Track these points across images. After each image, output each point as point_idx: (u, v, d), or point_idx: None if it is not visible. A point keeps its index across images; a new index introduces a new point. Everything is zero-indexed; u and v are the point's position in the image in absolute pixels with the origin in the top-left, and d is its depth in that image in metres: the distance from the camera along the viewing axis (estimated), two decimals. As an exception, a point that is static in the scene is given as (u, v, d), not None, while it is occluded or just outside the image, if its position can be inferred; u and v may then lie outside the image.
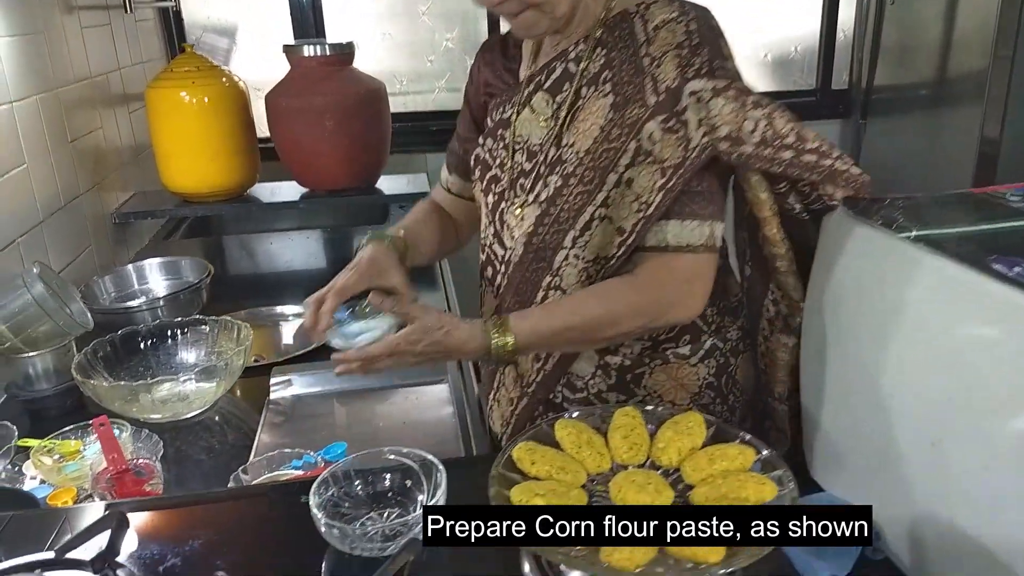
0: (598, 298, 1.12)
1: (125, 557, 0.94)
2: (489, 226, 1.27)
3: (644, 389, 1.21)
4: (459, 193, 1.42)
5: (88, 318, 1.61)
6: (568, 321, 1.12)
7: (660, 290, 1.12)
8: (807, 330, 1.13)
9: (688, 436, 0.91)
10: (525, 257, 1.19)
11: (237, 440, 1.43)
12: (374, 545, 0.89)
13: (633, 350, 1.20)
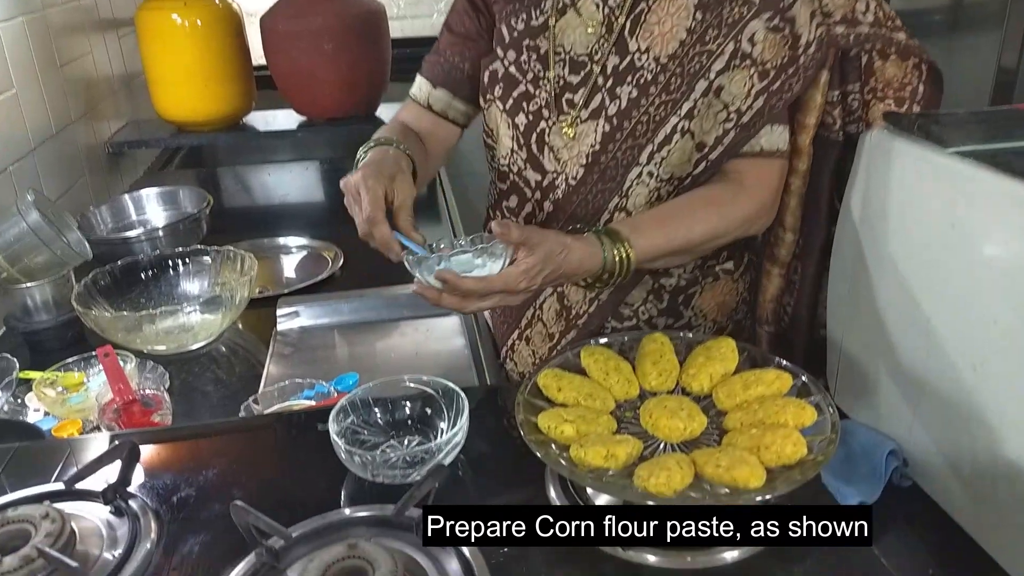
0: (712, 208, 1.05)
1: (136, 487, 0.91)
2: (520, 150, 1.16)
3: (692, 310, 1.18)
4: (442, 112, 1.23)
5: (86, 248, 1.56)
6: (685, 236, 1.03)
7: (764, 197, 1.08)
8: (837, 252, 1.09)
9: (721, 362, 0.88)
10: (588, 178, 1.11)
11: (245, 372, 1.40)
12: (396, 472, 0.86)
13: (686, 269, 1.16)
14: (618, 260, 0.97)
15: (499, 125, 1.18)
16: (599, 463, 0.74)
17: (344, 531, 0.82)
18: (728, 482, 0.72)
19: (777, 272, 1.17)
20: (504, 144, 1.18)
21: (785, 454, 0.74)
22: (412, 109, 1.25)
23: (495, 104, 1.17)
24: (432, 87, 1.22)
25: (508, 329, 1.31)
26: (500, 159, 1.21)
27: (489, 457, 0.95)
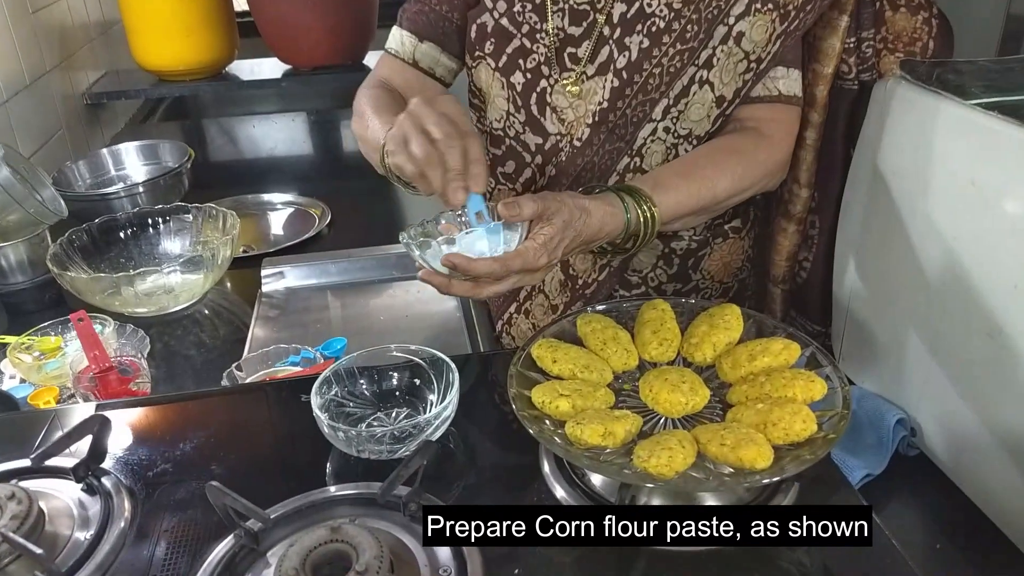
0: (735, 158, 0.97)
1: (111, 463, 0.87)
2: (518, 112, 1.07)
3: (700, 273, 1.13)
4: (429, 69, 1.11)
5: (61, 205, 1.50)
6: (711, 191, 0.94)
7: (784, 146, 1.02)
8: (846, 210, 1.04)
9: (725, 330, 0.83)
10: (594, 139, 1.02)
11: (229, 335, 1.36)
12: (383, 448, 0.82)
13: (697, 231, 1.10)
14: (642, 220, 0.88)
15: (491, 85, 1.08)
16: (596, 441, 0.70)
17: (328, 511, 0.78)
18: (733, 462, 0.67)
19: (793, 229, 1.11)
20: (498, 106, 1.09)
21: (794, 431, 0.69)
22: (392, 66, 1.11)
23: (485, 62, 1.07)
24: (418, 41, 1.10)
25: (505, 302, 1.24)
26: (493, 122, 1.11)
27: (482, 431, 0.90)
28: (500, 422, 0.91)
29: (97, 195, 1.69)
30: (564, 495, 0.79)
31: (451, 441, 0.88)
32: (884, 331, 1.01)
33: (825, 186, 1.08)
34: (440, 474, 0.82)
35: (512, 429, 0.88)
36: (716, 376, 0.82)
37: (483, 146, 0.87)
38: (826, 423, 0.71)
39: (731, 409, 0.76)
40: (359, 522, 0.73)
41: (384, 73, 1.12)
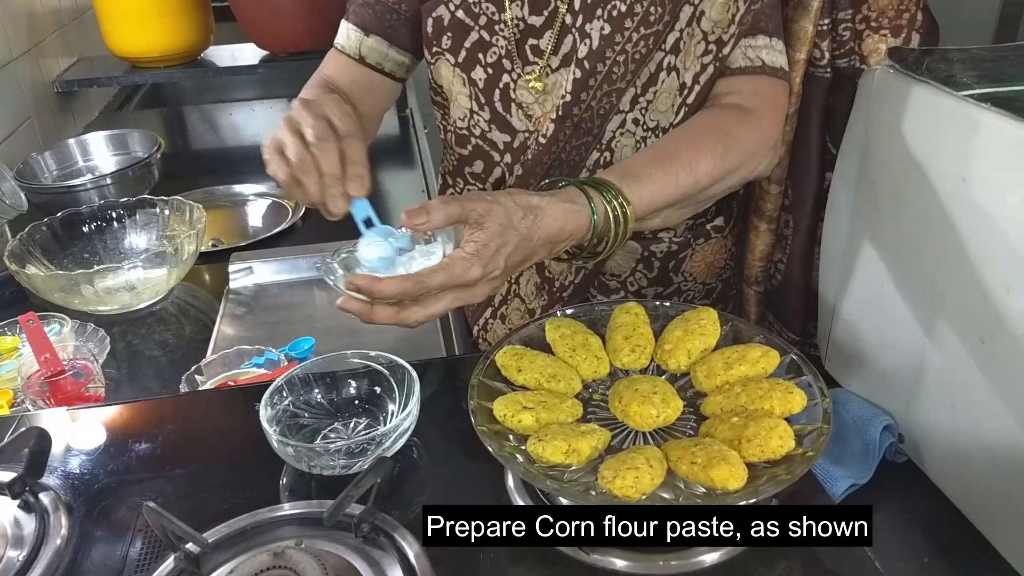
0: (716, 136, 0.87)
1: (52, 476, 0.82)
2: (481, 110, 1.01)
3: (682, 275, 1.07)
4: (377, 64, 1.04)
5: (21, 199, 1.44)
6: (691, 176, 0.84)
7: (771, 121, 0.91)
8: (832, 207, 0.99)
9: (700, 336, 0.78)
10: (560, 134, 0.96)
11: (195, 334, 1.30)
12: (336, 463, 0.77)
13: (677, 232, 1.05)
14: (612, 217, 0.78)
15: (451, 82, 1.02)
16: (559, 459, 0.65)
17: (274, 532, 0.73)
18: (704, 482, 0.63)
19: (765, 227, 1.05)
20: (460, 104, 1.03)
21: (770, 448, 0.64)
22: (339, 62, 1.05)
23: (444, 58, 1.00)
24: (364, 35, 1.03)
25: (480, 307, 1.18)
26: (456, 121, 1.05)
27: (447, 442, 0.85)
28: (467, 433, 0.86)
29: (62, 187, 1.63)
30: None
31: (414, 452, 0.83)
32: (872, 332, 0.96)
33: (799, 183, 1.02)
34: (397, 489, 0.77)
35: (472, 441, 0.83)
36: (691, 385, 0.77)
37: (364, 147, 0.79)
38: (806, 438, 0.67)
39: (704, 422, 0.71)
40: (306, 545, 0.68)
41: (329, 72, 1.05)
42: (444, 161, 1.13)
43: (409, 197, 1.83)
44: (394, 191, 1.89)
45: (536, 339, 0.83)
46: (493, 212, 0.72)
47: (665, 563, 0.68)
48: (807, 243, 1.05)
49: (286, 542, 0.71)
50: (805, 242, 1.05)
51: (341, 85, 1.02)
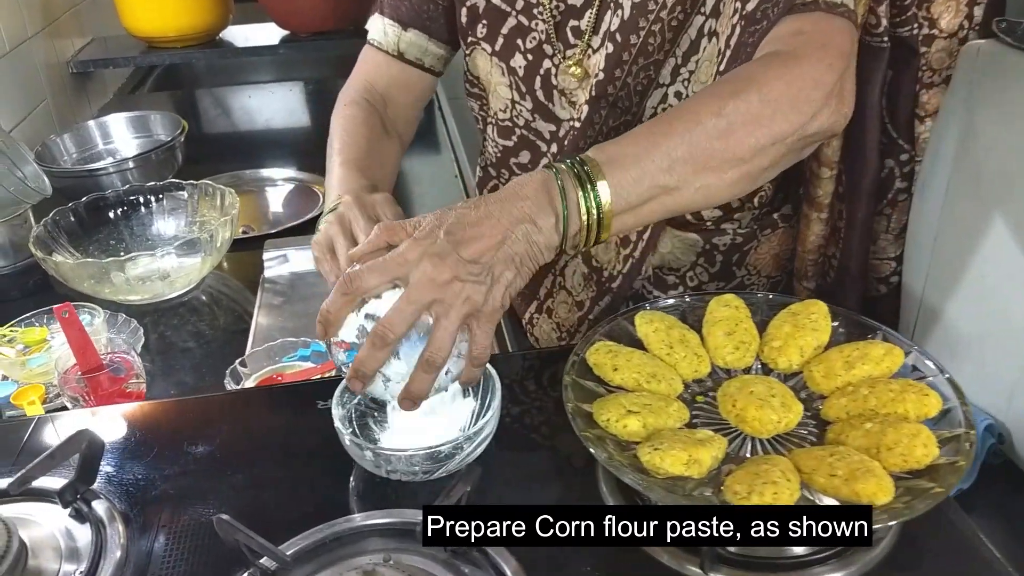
0: (725, 81, 0.73)
1: (101, 482, 0.76)
2: (523, 99, 0.94)
3: (745, 269, 0.99)
4: (417, 60, 0.99)
5: (45, 183, 1.37)
6: (695, 123, 0.68)
7: (818, 58, 0.71)
8: (925, 190, 0.93)
9: (812, 332, 0.71)
10: (595, 116, 0.88)
11: (230, 324, 1.24)
12: (417, 469, 0.71)
13: (743, 222, 0.97)
14: (574, 170, 0.67)
15: (489, 72, 0.95)
16: (679, 471, 0.59)
17: (355, 546, 0.67)
18: (847, 497, 0.56)
19: (816, 216, 0.97)
20: (500, 95, 0.96)
21: (914, 458, 0.58)
22: (376, 63, 1.00)
23: (480, 47, 0.94)
24: (402, 29, 0.97)
25: (524, 302, 1.11)
26: (498, 112, 0.98)
27: (522, 444, 0.79)
28: (542, 433, 0.80)
29: (84, 171, 1.56)
30: (624, 520, 0.68)
31: (491, 458, 0.77)
32: (969, 324, 0.91)
33: (854, 171, 0.94)
34: (484, 499, 0.71)
35: (557, 442, 0.78)
36: (804, 386, 0.71)
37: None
38: (946, 447, 0.61)
39: (830, 428, 0.65)
40: (395, 560, 0.62)
41: (367, 74, 1.00)
42: (484, 153, 1.07)
43: (440, 184, 1.76)
44: (423, 178, 1.83)
45: (624, 334, 0.76)
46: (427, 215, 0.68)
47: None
48: (863, 238, 0.97)
49: (370, 557, 0.65)
50: (861, 237, 0.97)
51: (380, 87, 0.98)
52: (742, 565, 0.63)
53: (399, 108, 1.00)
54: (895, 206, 0.97)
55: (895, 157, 0.94)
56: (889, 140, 0.93)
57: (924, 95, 0.90)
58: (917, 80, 0.89)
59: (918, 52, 0.86)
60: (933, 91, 0.90)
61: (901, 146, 0.93)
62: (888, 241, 0.99)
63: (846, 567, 0.63)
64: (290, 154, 1.90)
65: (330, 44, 2.16)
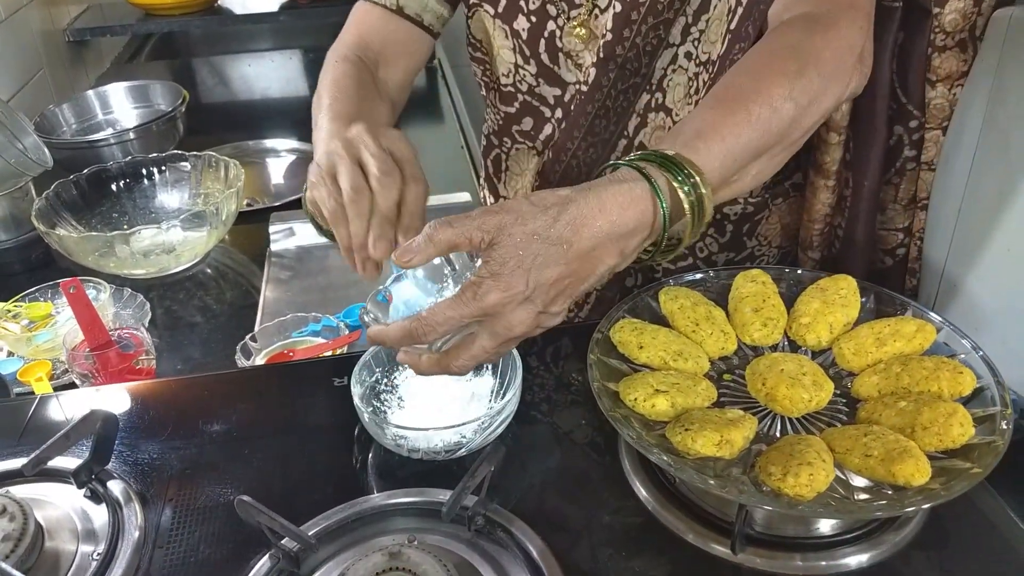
0: (783, 56, 0.68)
1: (118, 462, 0.75)
2: (527, 64, 0.91)
3: (756, 239, 0.97)
4: (416, 16, 0.92)
5: (45, 154, 1.35)
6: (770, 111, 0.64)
7: (850, 21, 0.70)
8: (948, 161, 0.91)
9: (842, 308, 0.70)
10: (602, 79, 0.86)
11: (237, 299, 1.23)
12: (439, 448, 0.70)
13: (754, 192, 0.94)
14: (683, 192, 0.60)
15: (492, 35, 0.92)
16: (711, 452, 0.58)
17: (377, 525, 0.66)
18: (883, 478, 0.55)
19: (823, 184, 0.94)
20: (504, 58, 0.93)
21: (949, 437, 0.57)
22: (371, 16, 0.92)
23: (482, 9, 0.90)
24: None
25: None
26: (500, 77, 0.95)
27: (542, 422, 0.78)
28: (562, 410, 0.79)
29: (84, 142, 1.53)
30: (647, 497, 0.67)
31: (511, 436, 0.76)
32: (991, 299, 0.89)
33: (861, 137, 0.91)
34: (506, 479, 0.70)
35: (578, 419, 0.77)
36: (832, 363, 0.70)
37: (426, 198, 0.68)
38: (980, 426, 0.59)
39: (862, 406, 0.64)
40: (419, 541, 0.61)
41: (361, 31, 0.92)
42: (488, 121, 1.04)
43: (444, 154, 1.74)
44: (425, 148, 1.80)
45: (647, 310, 0.75)
46: (503, 224, 0.57)
47: (806, 564, 0.62)
48: (870, 207, 0.94)
49: (393, 537, 0.65)
50: (868, 206, 0.94)
51: (375, 45, 0.91)
52: (769, 545, 0.63)
53: (393, 70, 0.93)
54: (903, 175, 0.94)
55: (904, 124, 0.91)
56: (898, 106, 0.90)
57: (936, 59, 0.87)
58: (929, 43, 0.86)
59: (931, 13, 0.82)
60: (946, 55, 0.87)
61: (910, 112, 0.90)
62: (896, 211, 0.96)
63: (875, 547, 0.63)
64: (292, 124, 1.87)
65: (331, 11, 2.12)
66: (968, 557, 0.63)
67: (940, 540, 0.65)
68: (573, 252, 0.58)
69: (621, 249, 0.60)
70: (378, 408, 0.75)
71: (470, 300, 0.57)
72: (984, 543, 0.64)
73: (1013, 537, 0.64)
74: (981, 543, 0.64)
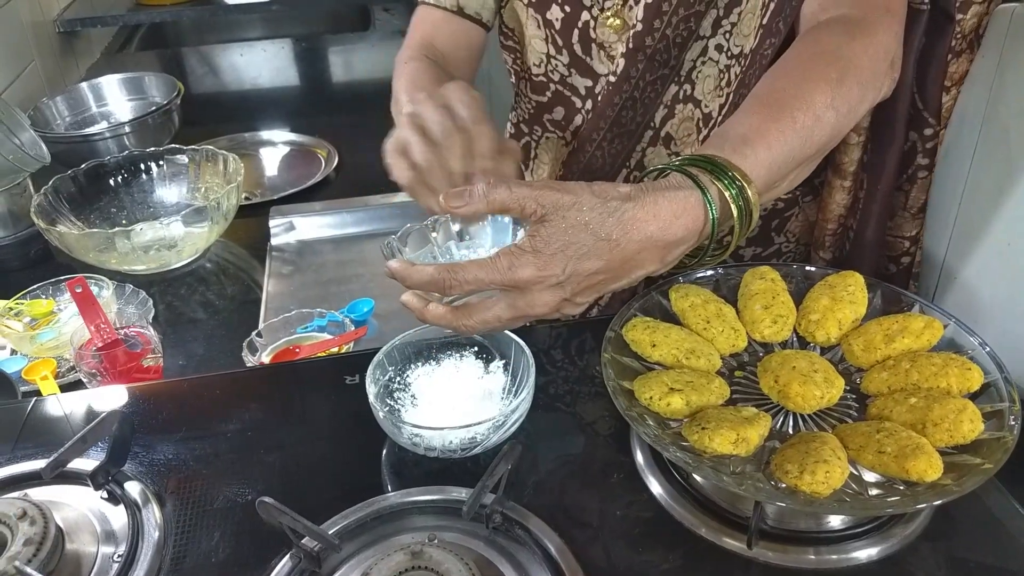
0: (824, 61, 0.68)
1: (133, 464, 0.75)
2: (559, 54, 0.92)
3: (784, 236, 0.98)
4: (476, 14, 0.95)
5: (43, 150, 1.35)
6: (813, 119, 0.65)
7: (889, 28, 0.72)
8: (948, 156, 0.92)
9: (850, 304, 0.71)
10: (631, 69, 0.86)
11: (239, 294, 1.23)
12: (456, 447, 0.71)
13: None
14: (730, 197, 0.61)
15: (525, 23, 0.93)
16: (727, 450, 0.59)
17: (397, 524, 0.67)
18: (896, 474, 0.57)
19: (839, 184, 0.95)
20: (535, 48, 0.94)
21: (960, 433, 0.59)
22: (433, 18, 0.95)
23: (521, 1, 0.91)
24: None
25: None
26: (532, 67, 0.96)
27: (552, 418, 0.79)
28: (573, 406, 0.80)
29: (79, 136, 1.52)
30: (661, 492, 0.69)
31: (525, 433, 0.77)
32: (990, 292, 0.91)
33: (879, 139, 0.92)
34: (521, 476, 0.71)
35: (589, 416, 0.78)
36: (841, 359, 0.71)
37: (495, 135, 0.70)
38: (989, 422, 0.61)
39: (872, 403, 0.65)
40: (439, 541, 0.62)
41: (425, 32, 0.94)
42: (517, 108, 1.05)
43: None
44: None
45: (658, 308, 0.76)
46: (559, 205, 0.58)
47: (818, 557, 0.63)
48: (881, 210, 0.95)
49: (413, 535, 0.65)
50: (880, 209, 0.94)
51: (438, 45, 0.94)
52: (783, 539, 0.64)
53: (458, 66, 0.95)
54: (914, 183, 0.94)
55: (919, 131, 0.91)
56: (915, 112, 0.91)
57: (953, 64, 0.88)
58: (949, 49, 0.87)
59: (954, 18, 0.83)
60: (960, 59, 0.88)
61: (926, 119, 0.90)
62: (905, 219, 0.97)
63: (884, 541, 0.64)
64: (285, 115, 1.86)
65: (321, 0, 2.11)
66: (975, 550, 0.64)
67: (948, 533, 0.66)
68: (618, 252, 0.59)
69: (663, 256, 0.61)
70: (392, 407, 0.76)
71: (504, 269, 0.58)
72: (991, 536, 0.66)
73: (1018, 530, 0.66)
74: (988, 536, 0.66)
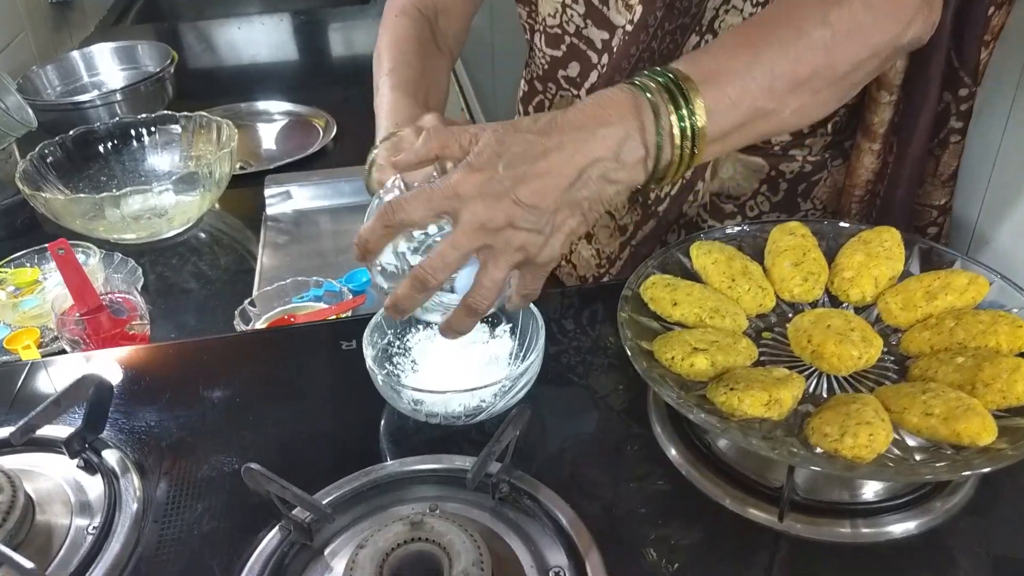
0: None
1: (112, 432, 0.70)
2: (575, 3, 0.86)
3: (811, 202, 0.92)
4: None
5: (29, 114, 1.29)
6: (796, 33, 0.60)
7: None
8: (980, 116, 0.87)
9: (887, 260, 0.66)
10: (648, 18, 0.81)
11: (232, 264, 1.18)
12: (460, 414, 0.65)
13: (813, 149, 0.89)
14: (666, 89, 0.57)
15: None
16: (759, 412, 0.54)
17: (395, 494, 0.62)
18: (946, 437, 0.51)
19: (868, 147, 0.89)
20: (551, 2, 0.89)
21: (1014, 394, 0.53)
22: None
23: None
24: None
25: None
26: (546, 18, 0.90)
27: (561, 383, 0.74)
28: (585, 373, 0.74)
29: (69, 104, 1.47)
30: (682, 461, 0.63)
31: (534, 399, 0.71)
32: None
33: (912, 97, 0.86)
34: (529, 445, 0.66)
35: (603, 382, 0.73)
36: (878, 319, 0.65)
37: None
38: (1043, 382, 0.55)
39: (913, 363, 0.60)
40: (440, 511, 0.57)
41: None
42: (530, 65, 0.99)
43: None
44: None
45: (677, 266, 0.70)
46: (492, 128, 0.57)
47: (852, 530, 0.58)
48: (911, 175, 0.89)
49: (413, 506, 0.60)
50: (910, 173, 0.88)
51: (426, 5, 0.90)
52: (814, 511, 0.59)
53: (451, 19, 0.91)
54: (946, 147, 0.89)
55: (953, 91, 0.85)
56: (950, 70, 0.85)
57: (994, 17, 0.82)
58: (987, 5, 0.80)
59: None
60: (1001, 10, 0.82)
61: (961, 78, 0.84)
62: (934, 187, 0.91)
63: (924, 514, 0.59)
64: (283, 87, 1.81)
65: (323, -28, 2.05)
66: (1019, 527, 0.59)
67: (992, 507, 0.61)
68: (550, 142, 0.56)
69: (601, 147, 0.56)
70: (391, 371, 0.71)
71: (443, 186, 0.56)
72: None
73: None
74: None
